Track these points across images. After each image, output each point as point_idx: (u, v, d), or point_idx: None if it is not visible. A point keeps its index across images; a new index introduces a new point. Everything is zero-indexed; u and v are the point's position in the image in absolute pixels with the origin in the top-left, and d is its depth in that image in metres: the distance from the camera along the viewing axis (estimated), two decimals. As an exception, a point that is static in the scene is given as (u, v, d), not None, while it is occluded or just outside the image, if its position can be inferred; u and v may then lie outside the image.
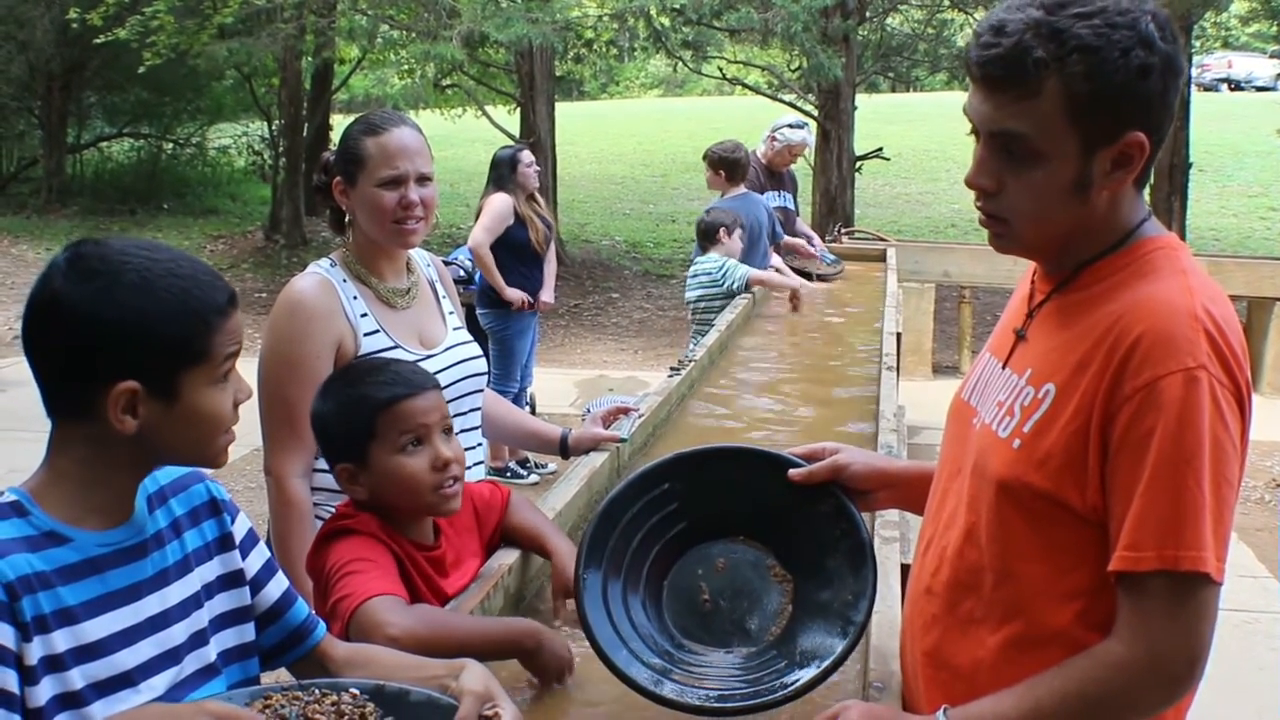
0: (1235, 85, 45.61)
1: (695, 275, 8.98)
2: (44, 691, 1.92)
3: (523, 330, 9.95)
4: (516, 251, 9.73)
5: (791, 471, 2.73)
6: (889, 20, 22.51)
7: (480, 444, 3.87)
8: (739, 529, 2.79)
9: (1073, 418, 2.15)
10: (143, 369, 2.00)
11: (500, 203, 9.70)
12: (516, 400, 9.83)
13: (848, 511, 2.69)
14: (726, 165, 9.72)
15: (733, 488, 2.79)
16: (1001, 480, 2.25)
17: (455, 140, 26.47)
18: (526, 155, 9.92)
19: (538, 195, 10.00)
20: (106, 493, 2.07)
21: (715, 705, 2.53)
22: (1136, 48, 2.10)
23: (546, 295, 9.98)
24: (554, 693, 2.77)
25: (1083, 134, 2.14)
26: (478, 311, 9.78)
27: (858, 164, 19.69)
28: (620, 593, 2.73)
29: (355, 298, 3.63)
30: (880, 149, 20.06)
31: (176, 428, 2.04)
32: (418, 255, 3.90)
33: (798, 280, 8.78)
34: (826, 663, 2.54)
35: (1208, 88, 41.73)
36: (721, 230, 8.96)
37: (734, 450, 2.93)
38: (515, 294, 9.64)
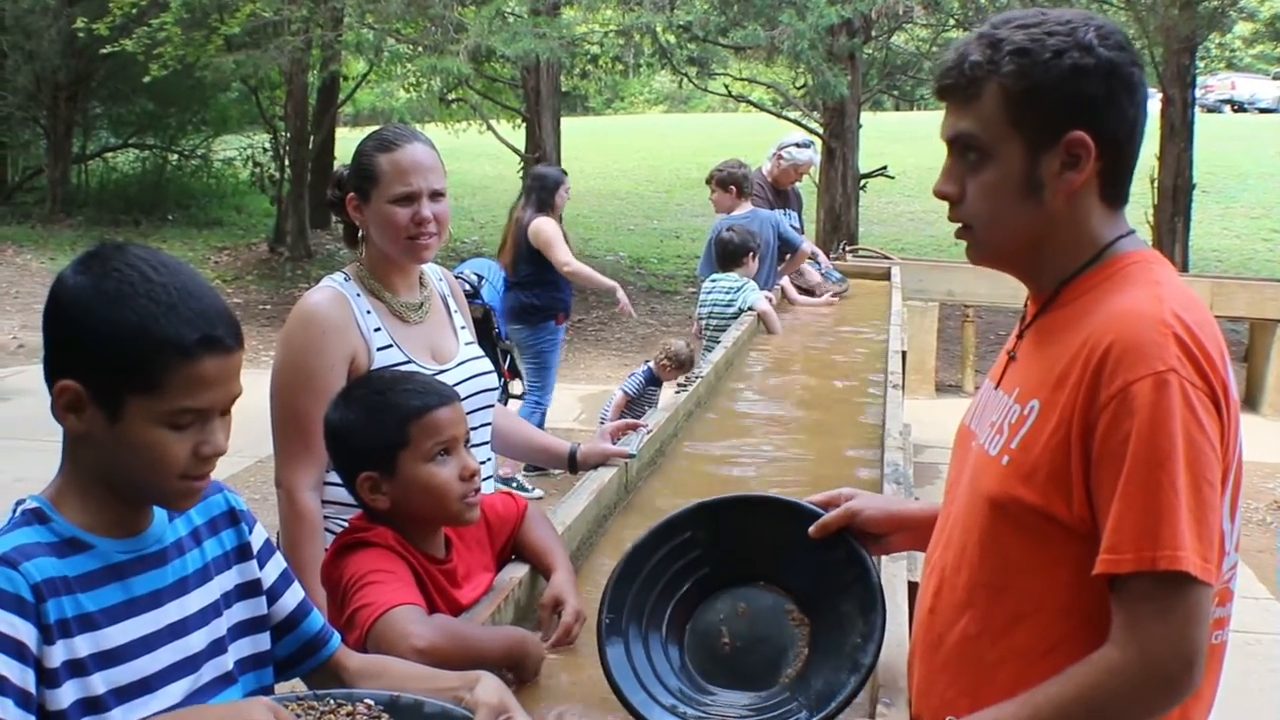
0: (1239, 107, 45.66)
1: (711, 291, 9.00)
2: (66, 695, 1.95)
3: (556, 343, 10.24)
4: (554, 269, 9.94)
5: (810, 529, 2.77)
6: (894, 39, 22.54)
7: (490, 458, 3.89)
8: (759, 574, 2.84)
9: (1055, 431, 2.19)
10: (89, 375, 2.00)
11: (552, 228, 9.95)
12: (531, 414, 10.00)
13: (858, 557, 2.74)
14: (737, 181, 9.81)
15: (753, 534, 2.85)
16: (992, 497, 2.29)
17: (460, 154, 26.47)
18: (567, 179, 10.33)
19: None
20: (111, 501, 2.08)
21: None
22: (1071, 50, 2.22)
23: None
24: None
25: (1023, 132, 2.25)
26: (510, 327, 9.87)
27: (862, 182, 19.72)
28: (640, 636, 2.78)
29: (369, 312, 3.66)
30: (885, 167, 20.07)
31: (118, 449, 2.03)
32: (430, 270, 3.92)
33: (779, 327, 8.67)
34: (831, 706, 2.58)
35: (1211, 109, 41.74)
36: (749, 256, 9.00)
37: (754, 499, 3.01)
38: (612, 282, 10.31)
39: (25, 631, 1.90)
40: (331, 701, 2.11)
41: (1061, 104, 2.22)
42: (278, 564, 2.36)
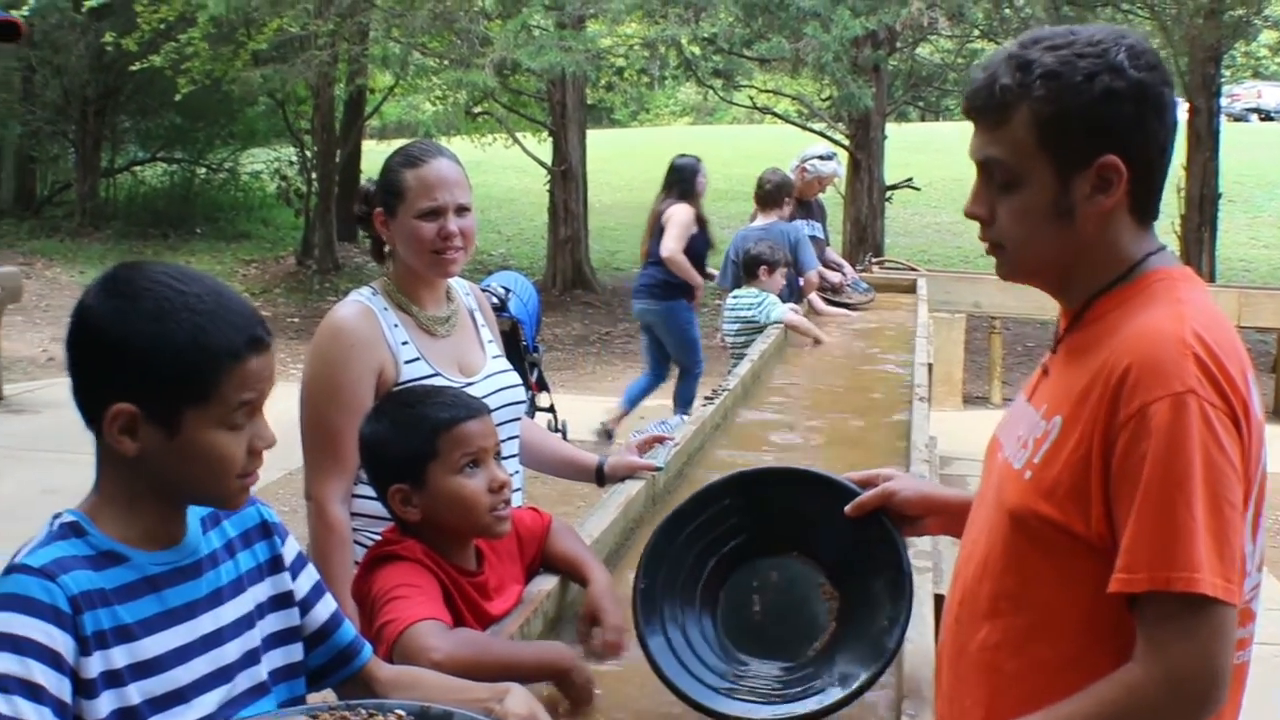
0: (1266, 115, 45.42)
1: (734, 309, 9.01)
2: (104, 705, 1.98)
3: (691, 319, 10.91)
4: (695, 256, 10.68)
5: (847, 508, 2.80)
6: (919, 50, 22.51)
7: (518, 471, 3.90)
8: (794, 546, 2.87)
9: (1075, 448, 2.19)
10: (143, 395, 2.02)
11: (685, 213, 10.67)
12: (688, 386, 10.99)
13: (891, 538, 2.78)
14: (788, 188, 10.06)
15: (790, 506, 2.89)
16: (1013, 510, 2.30)
17: (486, 167, 26.54)
18: (703, 165, 10.94)
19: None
20: (151, 514, 2.11)
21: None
22: (1103, 73, 2.19)
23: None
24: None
25: (1054, 157, 2.24)
26: (642, 304, 10.98)
27: (888, 193, 19.72)
28: (675, 602, 2.83)
29: (396, 325, 3.68)
30: (910, 179, 20.07)
31: (179, 461, 2.06)
32: (456, 284, 3.95)
33: (820, 333, 8.70)
34: (853, 687, 2.63)
35: (1238, 118, 41.57)
36: (764, 269, 9.01)
37: (793, 471, 3.06)
38: (700, 280, 10.75)
39: (62, 642, 1.93)
40: (363, 711, 2.13)
41: (1093, 128, 2.21)
42: (310, 576, 2.39)
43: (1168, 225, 17.37)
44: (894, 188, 19.76)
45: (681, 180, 10.78)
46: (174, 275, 2.08)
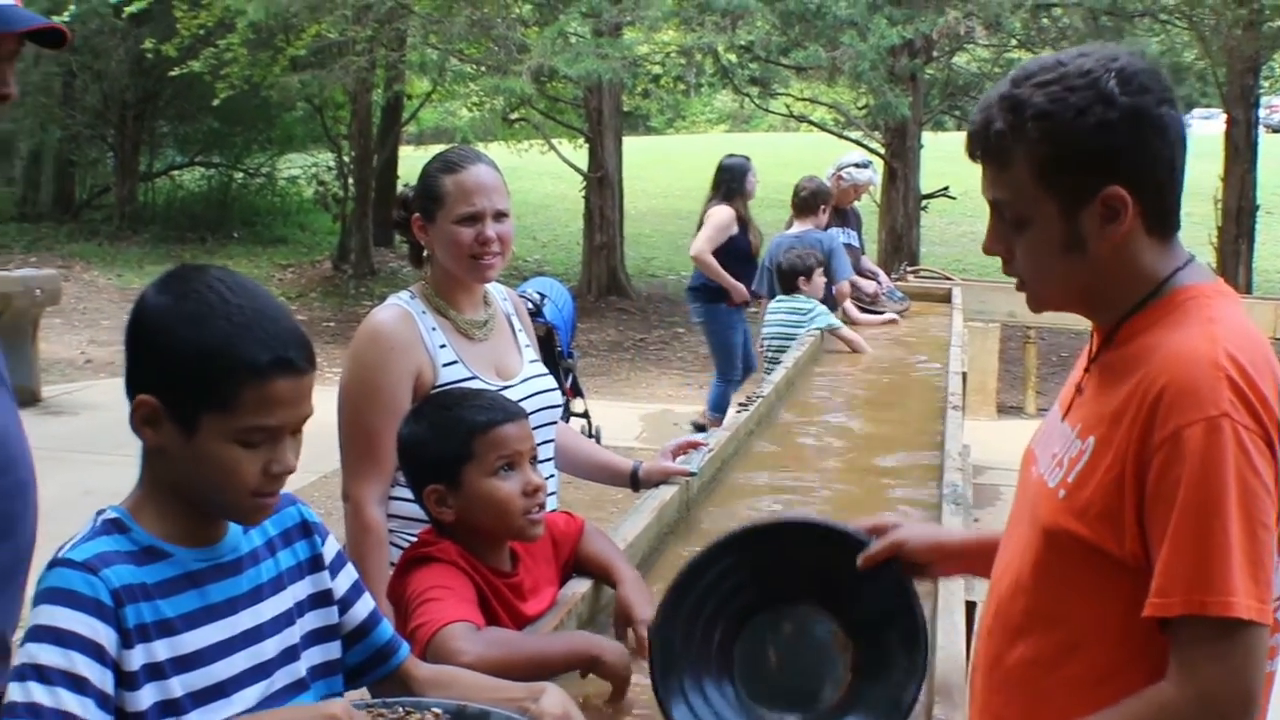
0: (1305, 127, 45.17)
1: (776, 312, 9.00)
2: (146, 698, 2.02)
3: (733, 324, 10.79)
4: (737, 256, 10.62)
5: (858, 560, 2.78)
6: (956, 59, 22.47)
7: (554, 475, 3.93)
8: (807, 596, 2.84)
9: (1109, 469, 2.19)
10: (166, 391, 2.08)
11: (723, 215, 10.70)
12: (720, 391, 10.92)
13: (904, 588, 2.75)
14: (824, 196, 10.06)
15: (801, 558, 2.85)
16: (1046, 528, 2.30)
17: (522, 173, 26.61)
18: (752, 165, 10.99)
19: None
20: (187, 512, 2.15)
21: None
22: (1094, 105, 2.17)
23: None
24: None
25: (1057, 195, 2.23)
26: (691, 305, 11.07)
27: (924, 202, 19.67)
28: (693, 668, 2.80)
29: (434, 329, 3.71)
30: (946, 188, 20.01)
31: (194, 464, 2.10)
32: (494, 289, 3.98)
33: (865, 345, 8.68)
34: None
35: (1276, 129, 41.31)
36: (801, 279, 9.00)
37: (803, 523, 3.00)
38: (741, 289, 10.55)
39: (105, 635, 1.98)
40: (400, 709, 2.16)
41: (1091, 163, 2.20)
42: (349, 575, 2.42)
43: (1204, 237, 17.33)
44: (930, 196, 19.71)
45: (730, 180, 10.77)
46: (227, 285, 2.12)
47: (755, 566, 2.86)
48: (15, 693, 1.93)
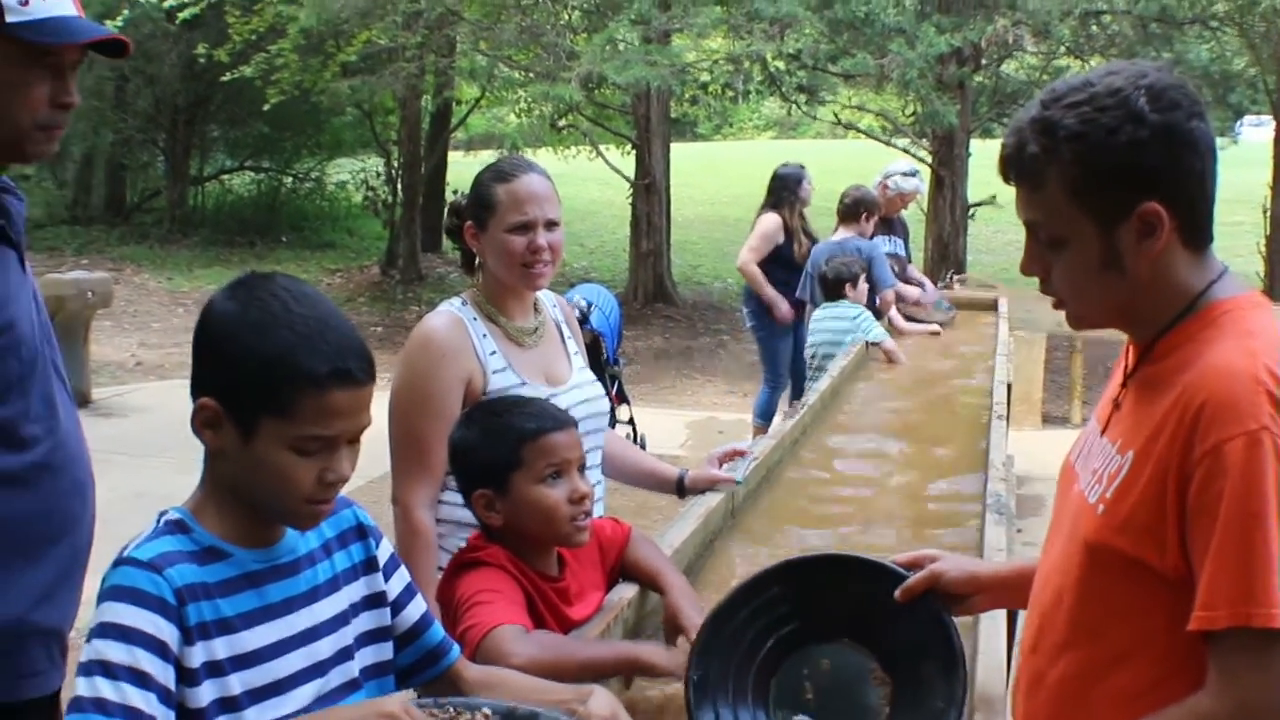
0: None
1: (822, 320, 9.01)
2: (206, 694, 2.09)
3: (783, 333, 10.66)
4: (782, 264, 10.52)
5: (896, 593, 2.80)
6: (1004, 67, 22.37)
7: (600, 481, 3.96)
8: (844, 631, 2.87)
9: (1149, 484, 2.21)
10: (227, 395, 2.14)
11: (769, 223, 10.64)
12: (767, 399, 10.79)
13: (942, 621, 2.76)
14: (867, 204, 10.05)
15: (838, 593, 2.88)
16: (1088, 543, 2.32)
17: (569, 179, 26.58)
18: (807, 173, 10.84)
19: (805, 212, 10.82)
20: (246, 514, 2.21)
21: None
22: (1125, 125, 2.19)
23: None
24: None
25: (1092, 215, 2.25)
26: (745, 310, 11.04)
27: (971, 211, 19.61)
28: (728, 692, 2.82)
29: (485, 336, 3.76)
30: (994, 196, 19.89)
31: (251, 468, 2.16)
32: (544, 296, 4.02)
33: (902, 356, 8.68)
34: None
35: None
36: (847, 286, 9.01)
37: (840, 559, 3.02)
38: (785, 310, 10.44)
39: (168, 632, 2.04)
40: (451, 709, 2.20)
41: (1125, 182, 2.22)
42: (402, 578, 2.47)
43: (1252, 245, 17.23)
44: (977, 205, 19.63)
45: (783, 188, 10.68)
46: (293, 295, 2.18)
47: (799, 599, 2.89)
48: (82, 687, 1.99)
